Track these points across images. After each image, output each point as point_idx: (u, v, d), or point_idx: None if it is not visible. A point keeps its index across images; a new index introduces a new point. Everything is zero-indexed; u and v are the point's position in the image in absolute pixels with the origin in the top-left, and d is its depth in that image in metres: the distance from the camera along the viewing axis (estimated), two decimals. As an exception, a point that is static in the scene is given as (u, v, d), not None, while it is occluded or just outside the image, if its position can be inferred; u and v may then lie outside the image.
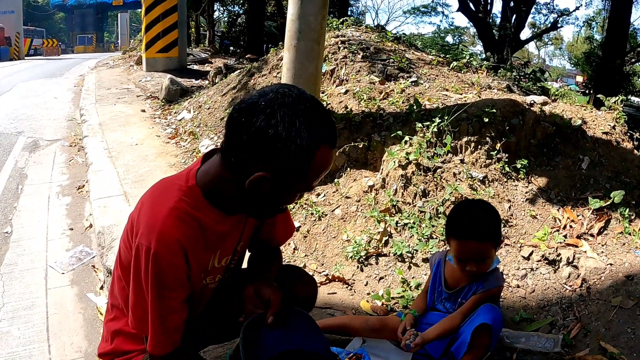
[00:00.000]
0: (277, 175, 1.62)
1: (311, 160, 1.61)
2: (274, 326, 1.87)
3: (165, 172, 5.98)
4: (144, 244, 1.66)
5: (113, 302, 1.98)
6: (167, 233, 1.66)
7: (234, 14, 27.77)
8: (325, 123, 1.65)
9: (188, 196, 1.74)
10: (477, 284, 2.66)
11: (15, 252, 4.54)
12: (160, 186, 1.84)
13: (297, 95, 1.62)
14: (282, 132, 1.55)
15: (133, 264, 1.72)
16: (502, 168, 4.04)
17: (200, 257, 1.81)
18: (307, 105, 1.61)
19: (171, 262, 1.67)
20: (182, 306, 1.77)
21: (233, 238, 1.94)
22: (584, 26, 32.88)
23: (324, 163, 1.66)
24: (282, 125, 1.55)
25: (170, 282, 1.70)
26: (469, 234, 2.56)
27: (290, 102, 1.59)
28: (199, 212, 1.75)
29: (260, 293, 1.92)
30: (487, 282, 2.65)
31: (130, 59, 19.28)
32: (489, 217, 2.63)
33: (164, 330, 1.74)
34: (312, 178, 1.68)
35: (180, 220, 1.70)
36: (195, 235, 1.74)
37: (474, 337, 2.46)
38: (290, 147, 1.56)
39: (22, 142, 8.25)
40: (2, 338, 3.35)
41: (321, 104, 1.70)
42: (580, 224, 3.60)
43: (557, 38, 54.01)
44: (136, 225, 1.74)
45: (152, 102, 10.53)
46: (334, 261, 3.93)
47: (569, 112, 4.49)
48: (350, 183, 4.52)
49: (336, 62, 6.47)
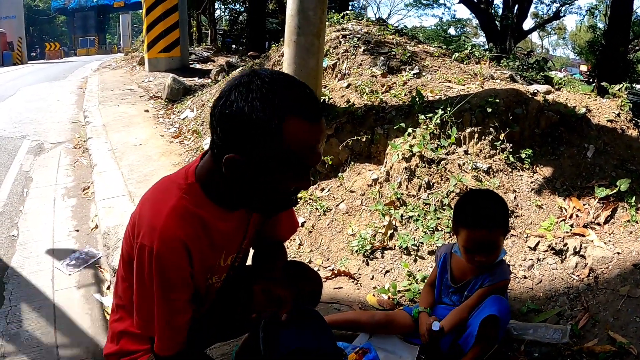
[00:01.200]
0: (250, 157, 1.57)
1: (279, 134, 1.52)
2: (286, 324, 1.85)
3: (169, 171, 5.97)
4: (146, 244, 1.65)
5: (118, 303, 1.97)
6: (169, 232, 1.65)
7: (235, 12, 27.70)
8: (289, 95, 1.56)
9: (189, 194, 1.72)
10: (484, 276, 2.65)
11: (21, 255, 4.54)
12: (161, 185, 1.83)
13: (255, 73, 1.58)
14: (237, 110, 1.52)
15: (136, 265, 1.70)
16: (507, 158, 4.02)
17: (206, 256, 1.79)
18: (264, 80, 1.54)
19: (174, 262, 1.66)
20: (187, 306, 1.76)
21: (238, 235, 1.92)
22: (587, 15, 32.73)
23: (300, 137, 1.54)
24: (235, 104, 1.52)
25: (174, 282, 1.69)
26: (480, 223, 2.53)
27: (247, 81, 1.55)
28: (201, 210, 1.73)
29: (271, 290, 1.89)
30: (494, 276, 2.64)
31: (133, 59, 19.27)
32: (498, 205, 2.61)
33: (170, 330, 1.74)
34: (294, 157, 1.57)
35: (182, 219, 1.68)
36: (198, 234, 1.72)
37: (481, 329, 2.45)
38: (249, 124, 1.51)
39: (27, 145, 8.27)
40: (10, 340, 3.35)
41: (290, 78, 1.62)
42: (586, 213, 3.58)
43: (560, 27, 53.73)
44: (138, 225, 1.72)
45: (155, 102, 10.53)
46: (340, 256, 3.92)
47: (572, 101, 4.47)
48: (354, 177, 4.51)
49: (337, 57, 6.45)
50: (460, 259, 2.74)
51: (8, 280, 4.10)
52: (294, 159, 1.57)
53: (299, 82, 1.65)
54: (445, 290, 2.81)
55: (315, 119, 1.58)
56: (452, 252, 2.80)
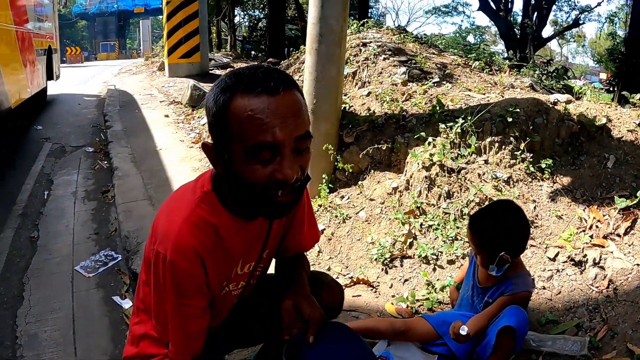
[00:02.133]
0: (216, 142, 1.61)
1: (225, 111, 1.53)
2: (314, 344, 1.82)
3: (189, 176, 6.02)
4: (160, 251, 1.67)
5: (139, 306, 1.99)
6: (182, 241, 1.67)
7: (254, 18, 27.84)
8: (243, 76, 1.55)
9: (204, 202, 1.74)
10: (506, 283, 2.66)
11: (41, 256, 4.60)
12: (178, 193, 1.85)
13: (233, 70, 1.65)
14: (206, 99, 1.61)
15: (152, 271, 1.73)
16: (527, 168, 4.00)
17: (220, 265, 1.80)
18: (232, 73, 1.60)
19: (187, 269, 1.67)
20: (203, 313, 1.77)
21: (256, 245, 1.93)
22: (606, 22, 32.47)
23: (244, 110, 1.50)
24: (209, 94, 1.59)
25: (187, 289, 1.70)
26: (472, 226, 2.72)
27: (222, 78, 1.61)
28: (216, 219, 1.74)
29: (300, 309, 1.86)
30: (515, 285, 2.64)
31: (153, 65, 19.38)
32: (499, 223, 2.64)
33: (184, 337, 1.75)
34: (238, 132, 1.52)
35: (196, 228, 1.70)
36: (212, 243, 1.73)
37: (498, 339, 2.45)
38: (209, 110, 1.58)
39: (48, 148, 8.35)
40: (29, 341, 3.40)
41: (257, 65, 1.64)
42: (606, 224, 3.55)
43: (580, 35, 53.44)
44: (155, 232, 1.75)
45: (175, 107, 10.58)
46: (359, 264, 3.93)
47: (593, 110, 4.44)
48: (374, 185, 4.51)
49: (358, 65, 6.46)
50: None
51: (27, 281, 4.15)
52: (239, 134, 1.53)
53: (262, 65, 1.65)
54: (471, 290, 2.87)
55: (264, 91, 1.51)
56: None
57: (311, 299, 1.91)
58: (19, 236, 5.01)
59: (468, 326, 2.58)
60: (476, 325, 2.60)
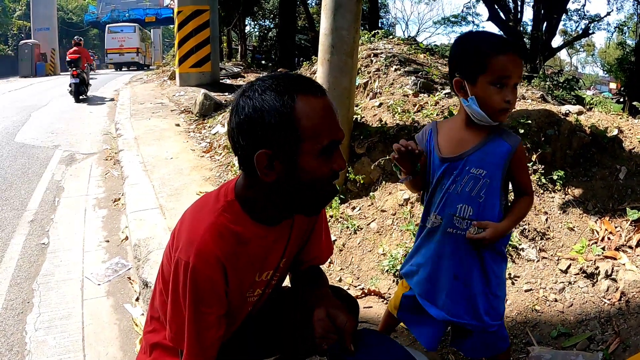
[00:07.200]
0: (276, 147, 1.60)
1: (292, 113, 1.57)
2: (353, 352, 1.82)
3: (200, 185, 6.04)
4: (182, 258, 1.67)
5: (153, 315, 1.99)
6: (205, 248, 1.67)
7: (265, 28, 28.00)
8: (291, 79, 1.64)
9: (227, 211, 1.75)
10: (492, 144, 2.25)
11: (52, 263, 4.61)
12: (202, 201, 1.86)
13: (251, 82, 1.68)
14: (251, 109, 1.59)
15: (172, 278, 1.73)
16: (539, 179, 3.99)
17: (241, 274, 1.80)
18: (263, 79, 1.64)
19: (209, 276, 1.68)
20: (219, 322, 1.76)
21: (276, 252, 1.92)
22: (616, 31, 32.40)
23: (312, 110, 1.60)
24: (247, 106, 1.59)
25: (207, 296, 1.70)
26: (512, 47, 2.06)
27: (248, 87, 1.65)
28: (239, 227, 1.75)
29: (334, 318, 1.85)
30: (508, 137, 2.28)
31: (164, 74, 19.51)
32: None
33: (200, 345, 1.74)
34: (312, 132, 1.60)
35: (219, 236, 1.70)
36: (234, 252, 1.74)
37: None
38: (266, 115, 1.57)
39: (59, 155, 8.41)
40: (38, 347, 3.40)
41: (284, 71, 1.68)
42: (618, 236, 3.53)
43: (589, 45, 53.36)
44: (177, 239, 1.76)
45: (186, 116, 10.64)
46: (370, 275, 3.91)
47: (604, 121, 4.43)
48: (385, 196, 4.50)
49: (369, 75, 6.47)
50: (451, 129, 2.34)
51: (37, 287, 4.16)
52: (313, 134, 1.60)
53: (286, 72, 1.72)
54: (434, 172, 2.33)
55: (321, 94, 1.65)
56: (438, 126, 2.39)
57: (343, 308, 1.91)
58: (29, 242, 5.03)
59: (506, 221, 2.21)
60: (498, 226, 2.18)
